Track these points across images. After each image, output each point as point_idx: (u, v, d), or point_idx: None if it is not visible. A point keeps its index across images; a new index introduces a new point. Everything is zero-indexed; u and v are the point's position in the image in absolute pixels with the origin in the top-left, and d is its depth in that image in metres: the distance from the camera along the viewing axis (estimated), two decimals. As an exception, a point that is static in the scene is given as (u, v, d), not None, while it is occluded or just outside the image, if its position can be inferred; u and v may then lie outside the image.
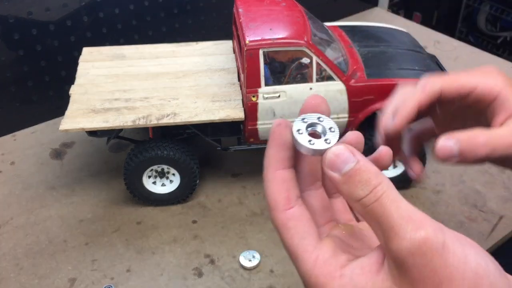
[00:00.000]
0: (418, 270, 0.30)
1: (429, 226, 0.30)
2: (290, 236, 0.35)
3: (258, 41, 1.08)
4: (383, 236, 0.31)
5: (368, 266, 0.33)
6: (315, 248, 0.34)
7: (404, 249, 0.30)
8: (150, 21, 1.55)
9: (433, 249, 0.29)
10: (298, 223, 0.35)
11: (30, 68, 1.40)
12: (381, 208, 0.31)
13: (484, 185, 1.25)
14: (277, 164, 0.37)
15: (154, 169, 1.17)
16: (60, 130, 1.07)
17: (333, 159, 0.33)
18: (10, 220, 1.18)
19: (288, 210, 0.35)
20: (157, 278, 1.04)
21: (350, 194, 0.33)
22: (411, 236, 0.30)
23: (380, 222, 0.31)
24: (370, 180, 0.32)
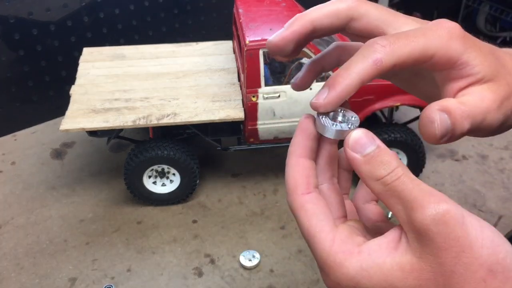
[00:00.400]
0: (441, 238, 0.31)
1: (449, 200, 0.32)
2: (308, 218, 0.36)
3: (258, 41, 1.08)
4: (404, 210, 0.32)
5: (385, 244, 0.34)
6: (332, 228, 0.35)
7: (428, 218, 0.31)
8: (150, 21, 1.55)
9: (455, 219, 0.31)
10: (316, 206, 0.36)
11: (30, 68, 1.40)
12: (403, 185, 0.33)
13: (483, 185, 1.26)
14: (301, 151, 0.38)
15: (155, 169, 1.17)
16: (60, 130, 1.07)
17: (356, 140, 0.35)
18: (10, 220, 1.18)
19: (307, 194, 0.37)
20: (157, 277, 1.04)
21: (371, 174, 0.34)
22: (434, 207, 0.31)
23: (402, 196, 0.32)
24: (391, 161, 0.34)
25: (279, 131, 1.16)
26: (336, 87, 0.36)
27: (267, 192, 1.25)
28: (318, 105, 0.37)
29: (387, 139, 1.17)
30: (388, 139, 1.17)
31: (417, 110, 1.26)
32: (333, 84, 0.37)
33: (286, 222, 1.16)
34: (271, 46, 0.42)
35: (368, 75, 0.36)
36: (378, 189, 0.34)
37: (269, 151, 1.37)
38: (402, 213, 0.33)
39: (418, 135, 1.21)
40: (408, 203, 0.32)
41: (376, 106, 1.15)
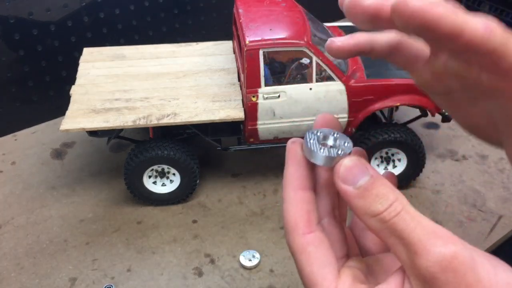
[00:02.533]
0: (451, 287, 0.28)
1: (456, 241, 0.29)
2: (309, 263, 0.33)
3: (258, 41, 1.08)
4: (407, 252, 0.29)
5: None
6: (335, 277, 0.33)
7: (435, 265, 0.28)
8: (150, 22, 1.55)
9: (465, 264, 0.28)
10: (318, 249, 0.33)
11: (30, 68, 1.40)
12: (403, 223, 0.29)
13: (483, 185, 1.26)
14: (296, 183, 0.34)
15: (155, 169, 1.17)
16: (60, 130, 1.07)
17: (346, 171, 0.31)
18: (11, 220, 1.18)
19: (308, 234, 0.33)
20: (158, 277, 1.04)
21: (365, 209, 0.31)
22: (441, 251, 0.28)
23: (403, 237, 0.29)
24: (388, 194, 0.30)
25: (279, 131, 1.16)
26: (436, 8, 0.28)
27: (267, 192, 1.25)
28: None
29: (387, 139, 1.17)
30: (388, 139, 1.17)
31: (417, 110, 1.26)
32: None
33: (286, 222, 1.16)
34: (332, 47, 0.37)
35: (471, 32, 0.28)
36: (375, 226, 0.31)
37: (269, 151, 1.37)
38: (405, 255, 0.30)
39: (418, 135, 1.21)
40: (410, 246, 0.29)
41: (376, 106, 1.15)
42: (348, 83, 1.13)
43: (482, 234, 1.13)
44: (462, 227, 1.15)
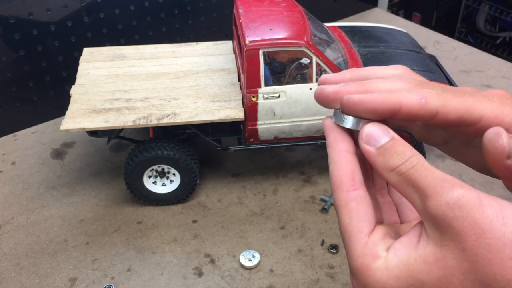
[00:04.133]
0: (459, 222, 0.30)
1: (463, 184, 0.32)
2: (350, 216, 0.36)
3: (258, 41, 1.08)
4: (420, 198, 0.33)
5: (408, 240, 0.34)
6: (369, 231, 0.35)
7: (443, 204, 0.31)
8: (150, 22, 1.55)
9: (471, 202, 0.31)
10: (360, 205, 0.36)
11: (31, 68, 1.40)
12: (417, 173, 0.33)
13: (483, 185, 1.26)
14: (342, 145, 0.37)
15: (155, 169, 1.17)
16: (60, 130, 1.07)
17: (369, 133, 0.35)
18: (11, 219, 1.18)
19: (352, 192, 0.36)
20: (158, 277, 1.04)
21: (385, 164, 0.34)
22: (448, 192, 0.31)
23: (416, 184, 0.33)
24: (405, 151, 0.34)
25: (279, 131, 1.16)
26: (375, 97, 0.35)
27: (267, 192, 1.25)
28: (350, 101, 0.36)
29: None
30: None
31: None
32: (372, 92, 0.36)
33: (286, 222, 1.16)
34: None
35: (408, 107, 0.35)
36: (393, 179, 0.34)
37: (269, 151, 1.37)
38: (418, 201, 0.33)
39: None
40: (422, 191, 0.32)
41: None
42: (348, 83, 1.13)
43: (482, 234, 1.13)
44: (462, 227, 1.15)
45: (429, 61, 1.28)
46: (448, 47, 1.85)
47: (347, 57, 1.19)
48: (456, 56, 1.79)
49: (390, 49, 1.27)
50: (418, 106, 0.36)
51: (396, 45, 1.29)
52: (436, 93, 0.36)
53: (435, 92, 0.36)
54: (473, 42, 2.57)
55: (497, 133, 0.34)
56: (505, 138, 0.34)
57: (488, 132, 0.35)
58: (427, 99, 0.36)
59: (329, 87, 0.39)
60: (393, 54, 1.25)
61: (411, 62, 1.24)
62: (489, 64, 1.74)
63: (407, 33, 1.41)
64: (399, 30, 1.41)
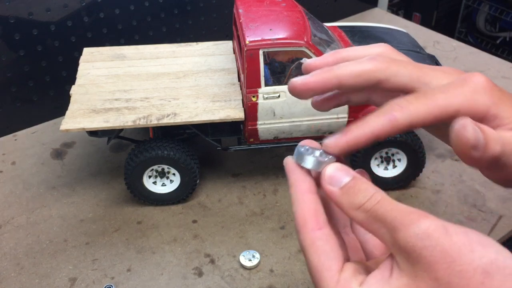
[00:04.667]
0: (429, 251, 0.31)
1: (429, 215, 0.33)
2: (317, 255, 0.36)
3: (258, 41, 1.08)
4: (388, 232, 0.33)
5: (380, 274, 0.34)
6: (339, 268, 0.36)
7: (412, 235, 0.32)
8: (150, 22, 1.55)
9: (438, 231, 0.32)
10: (326, 243, 0.36)
11: (30, 68, 1.40)
12: (382, 208, 0.34)
13: (483, 185, 1.26)
14: (304, 186, 0.38)
15: (155, 169, 1.17)
16: (60, 130, 1.07)
17: (331, 174, 0.36)
18: (11, 220, 1.18)
19: (317, 230, 0.37)
20: (158, 277, 1.04)
21: (350, 203, 0.35)
22: (415, 223, 0.32)
23: (383, 219, 0.33)
24: (368, 188, 0.35)
25: (279, 131, 1.16)
26: (348, 134, 0.39)
27: (267, 192, 1.25)
28: (328, 145, 0.39)
29: (387, 139, 1.17)
30: (388, 139, 1.17)
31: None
32: (346, 131, 0.40)
33: (286, 222, 1.16)
34: (291, 88, 0.42)
35: (381, 130, 0.38)
36: (359, 217, 0.35)
37: (269, 151, 1.37)
38: (387, 236, 0.34)
39: (419, 135, 1.21)
40: (390, 225, 0.33)
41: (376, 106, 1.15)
42: (348, 83, 1.13)
43: (482, 234, 1.13)
44: (462, 227, 1.14)
45: (429, 61, 1.28)
46: (448, 47, 1.85)
47: (347, 57, 1.19)
48: (456, 56, 1.79)
49: (390, 49, 1.27)
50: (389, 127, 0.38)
51: (396, 45, 1.29)
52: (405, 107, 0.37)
53: (405, 106, 0.37)
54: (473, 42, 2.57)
55: (463, 124, 0.34)
56: (470, 130, 0.34)
57: (454, 124, 0.35)
58: (396, 120, 0.37)
59: (298, 80, 0.41)
60: (393, 54, 1.25)
61: (411, 62, 1.24)
62: (489, 64, 1.74)
63: (407, 33, 1.41)
64: (399, 30, 1.41)
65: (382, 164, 1.23)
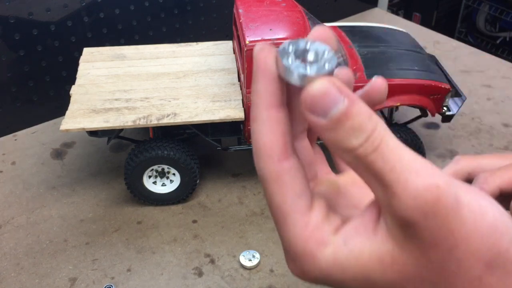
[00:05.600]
0: (431, 233, 0.25)
1: (439, 179, 0.25)
2: (282, 193, 0.29)
3: (258, 41, 1.08)
4: (384, 193, 0.26)
5: (363, 226, 0.28)
6: (308, 209, 0.29)
7: (414, 209, 0.25)
8: (150, 22, 1.55)
9: (448, 207, 0.25)
10: (294, 178, 0.29)
11: (31, 68, 1.40)
12: (380, 161, 0.25)
13: (483, 185, 1.25)
14: (270, 100, 0.29)
15: (155, 169, 1.17)
16: (60, 130, 1.07)
17: (315, 98, 0.26)
18: (11, 220, 1.18)
19: (284, 161, 0.29)
20: (158, 277, 1.04)
21: (338, 143, 0.26)
22: (422, 193, 0.25)
23: (380, 176, 0.26)
24: (364, 124, 0.26)
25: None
26: None
27: (267, 192, 1.25)
28: None
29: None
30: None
31: (417, 110, 1.26)
32: None
33: (286, 222, 1.16)
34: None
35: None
36: (349, 160, 0.27)
37: (269, 151, 1.37)
38: (381, 195, 0.26)
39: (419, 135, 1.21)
40: (388, 186, 0.25)
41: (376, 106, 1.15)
42: (348, 83, 1.13)
43: (482, 234, 1.13)
44: (462, 227, 1.14)
45: (429, 61, 1.28)
46: (448, 47, 1.85)
47: (347, 57, 1.19)
48: (456, 56, 1.79)
49: (390, 49, 1.27)
50: None
51: (396, 45, 1.29)
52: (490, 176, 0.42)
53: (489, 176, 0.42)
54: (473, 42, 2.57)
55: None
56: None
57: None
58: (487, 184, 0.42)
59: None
60: (393, 54, 1.25)
61: (411, 62, 1.24)
62: (489, 64, 1.74)
63: (407, 33, 1.41)
64: (399, 30, 1.41)
65: (382, 164, 1.22)
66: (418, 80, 1.16)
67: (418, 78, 1.18)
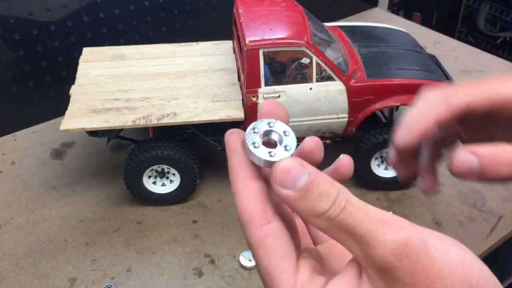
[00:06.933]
0: (407, 274, 0.28)
1: (405, 225, 0.29)
2: (268, 255, 0.31)
3: (258, 41, 1.08)
4: (359, 246, 0.29)
5: (346, 283, 0.30)
6: (294, 270, 0.31)
7: (388, 254, 0.28)
8: (150, 21, 1.55)
9: (418, 248, 0.28)
10: (277, 240, 0.31)
11: (30, 68, 1.40)
12: (350, 218, 0.29)
13: (484, 185, 1.26)
14: (244, 173, 0.32)
15: (154, 169, 1.17)
16: (60, 130, 1.07)
17: (283, 175, 0.30)
18: (10, 220, 1.18)
19: (266, 226, 0.31)
20: (157, 278, 1.04)
21: (310, 210, 0.29)
22: (393, 238, 0.28)
23: (353, 232, 0.29)
24: (329, 190, 0.29)
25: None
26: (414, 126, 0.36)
27: (267, 192, 1.25)
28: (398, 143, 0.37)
29: (387, 139, 1.17)
30: (388, 139, 1.17)
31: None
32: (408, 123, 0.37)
33: (286, 222, 1.16)
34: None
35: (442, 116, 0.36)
36: (322, 225, 0.30)
37: (269, 151, 1.37)
38: (357, 249, 0.29)
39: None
40: (361, 239, 0.28)
41: (376, 106, 1.15)
42: (348, 83, 1.13)
43: (483, 235, 1.13)
44: (462, 227, 1.14)
45: (429, 61, 1.27)
46: (448, 47, 1.85)
47: (347, 57, 1.19)
48: (456, 56, 1.79)
49: (390, 49, 1.27)
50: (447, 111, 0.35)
51: (396, 45, 1.29)
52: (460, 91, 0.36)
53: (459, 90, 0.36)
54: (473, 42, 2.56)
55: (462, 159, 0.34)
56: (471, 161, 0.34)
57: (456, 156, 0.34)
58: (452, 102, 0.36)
59: None
60: (393, 54, 1.25)
61: (412, 62, 1.24)
62: (489, 64, 1.74)
63: (408, 33, 1.41)
64: (399, 30, 1.41)
65: (382, 164, 1.22)
66: (418, 80, 1.16)
67: (418, 78, 1.17)
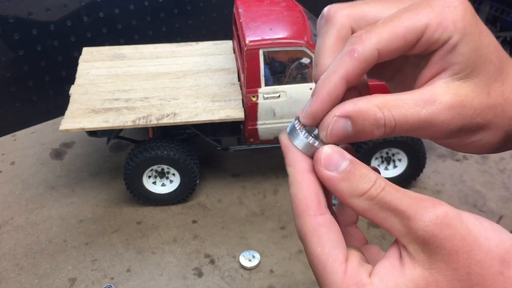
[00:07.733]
0: (449, 241, 0.29)
1: (442, 202, 0.30)
2: (321, 244, 0.32)
3: (258, 41, 1.08)
4: (401, 220, 0.30)
5: (390, 264, 0.32)
6: (345, 258, 0.32)
7: (430, 224, 0.29)
8: (150, 21, 1.55)
9: (456, 219, 0.29)
10: (330, 230, 0.32)
11: (30, 68, 1.40)
12: (390, 195, 0.30)
13: (484, 185, 1.25)
14: (304, 165, 0.33)
15: (154, 169, 1.17)
16: (60, 130, 1.07)
17: (328, 157, 0.32)
18: (10, 220, 1.18)
19: (320, 216, 0.32)
20: (157, 278, 1.04)
21: (352, 190, 0.31)
22: (433, 211, 0.29)
23: (394, 207, 0.30)
24: (370, 174, 0.31)
25: (279, 131, 1.16)
26: (318, 95, 0.33)
27: (267, 192, 1.25)
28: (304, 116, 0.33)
29: (388, 139, 1.17)
30: (389, 139, 1.17)
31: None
32: (315, 93, 0.33)
33: (286, 222, 1.16)
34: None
35: (349, 72, 0.32)
36: (363, 205, 0.31)
37: (269, 151, 1.37)
38: (398, 225, 0.30)
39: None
40: (403, 214, 0.30)
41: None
42: (348, 83, 1.13)
43: (483, 235, 1.12)
44: (462, 228, 1.14)
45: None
46: (448, 47, 1.85)
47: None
48: (456, 56, 1.79)
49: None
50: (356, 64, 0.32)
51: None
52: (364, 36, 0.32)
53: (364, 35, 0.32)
54: (473, 42, 2.55)
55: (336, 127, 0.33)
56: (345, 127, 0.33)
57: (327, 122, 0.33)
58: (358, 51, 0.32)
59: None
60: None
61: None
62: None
63: (408, 33, 1.40)
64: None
65: (382, 164, 1.22)
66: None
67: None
